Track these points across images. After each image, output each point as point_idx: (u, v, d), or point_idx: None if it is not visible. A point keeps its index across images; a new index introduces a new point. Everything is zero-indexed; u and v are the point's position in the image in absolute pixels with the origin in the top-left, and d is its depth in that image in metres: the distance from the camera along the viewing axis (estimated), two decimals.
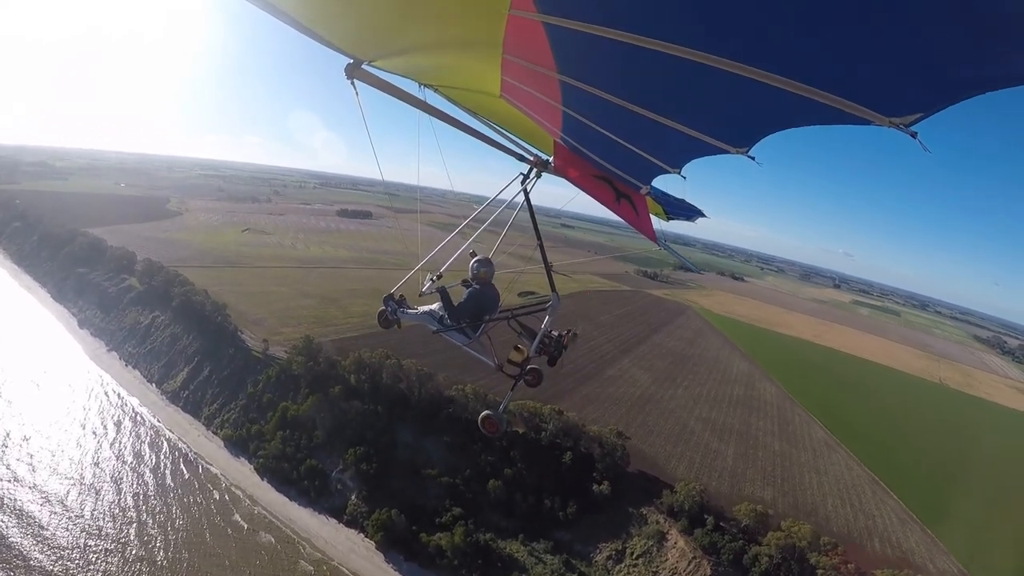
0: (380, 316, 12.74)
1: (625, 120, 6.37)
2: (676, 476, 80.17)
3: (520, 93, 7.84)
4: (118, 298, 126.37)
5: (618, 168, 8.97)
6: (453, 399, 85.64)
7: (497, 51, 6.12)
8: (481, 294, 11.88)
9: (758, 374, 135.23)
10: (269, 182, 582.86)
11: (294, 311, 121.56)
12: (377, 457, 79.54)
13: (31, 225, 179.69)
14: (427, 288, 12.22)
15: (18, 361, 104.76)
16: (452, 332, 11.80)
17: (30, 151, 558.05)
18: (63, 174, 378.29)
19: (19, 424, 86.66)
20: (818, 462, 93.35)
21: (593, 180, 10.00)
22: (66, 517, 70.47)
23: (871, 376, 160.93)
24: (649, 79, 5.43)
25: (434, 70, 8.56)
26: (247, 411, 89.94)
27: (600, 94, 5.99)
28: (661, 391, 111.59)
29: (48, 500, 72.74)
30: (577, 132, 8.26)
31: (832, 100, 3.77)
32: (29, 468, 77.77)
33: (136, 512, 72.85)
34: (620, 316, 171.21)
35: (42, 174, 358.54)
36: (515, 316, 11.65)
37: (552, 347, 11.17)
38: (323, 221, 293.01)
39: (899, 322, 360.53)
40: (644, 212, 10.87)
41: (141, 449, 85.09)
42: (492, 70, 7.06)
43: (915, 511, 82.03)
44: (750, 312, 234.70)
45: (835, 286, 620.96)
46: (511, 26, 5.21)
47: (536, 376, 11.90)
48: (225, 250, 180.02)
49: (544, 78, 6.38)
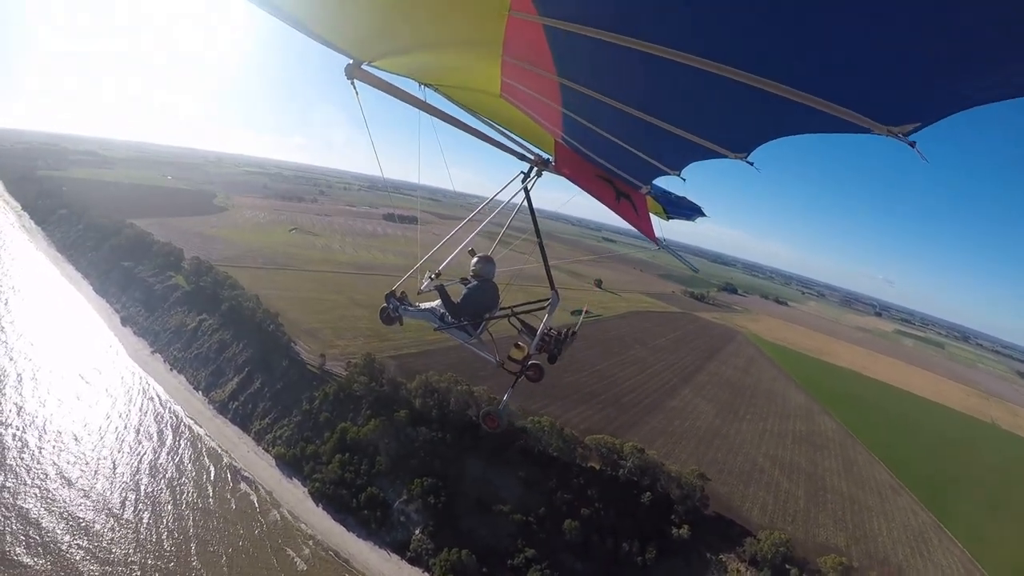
0: (382, 313, 12.33)
1: (625, 123, 6.26)
2: (752, 519, 74.42)
3: (520, 94, 7.52)
4: (163, 296, 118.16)
5: (618, 168, 8.88)
6: (526, 430, 76.73)
7: (497, 52, 5.88)
8: (481, 292, 11.60)
9: (816, 408, 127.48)
10: (314, 182, 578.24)
11: (348, 321, 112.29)
12: (445, 490, 71.05)
13: (77, 213, 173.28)
14: (425, 286, 11.87)
15: (62, 358, 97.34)
16: (453, 330, 11.42)
17: (78, 140, 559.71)
18: (110, 163, 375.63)
19: (72, 423, 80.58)
20: (885, 506, 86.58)
21: (594, 179, 9.71)
22: (117, 526, 64.09)
23: (924, 413, 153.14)
24: (648, 83, 5.24)
25: (434, 70, 8.08)
26: (301, 429, 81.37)
27: (600, 97, 5.83)
28: (726, 425, 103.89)
29: (104, 508, 66.49)
30: (577, 133, 8.04)
31: (830, 108, 3.67)
32: (81, 472, 71.58)
33: (193, 529, 65.81)
34: (673, 340, 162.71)
35: (89, 162, 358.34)
36: (515, 314, 11.37)
37: (552, 345, 10.88)
38: (369, 224, 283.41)
39: (943, 355, 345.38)
40: (644, 212, 10.77)
41: (182, 461, 77.27)
42: (492, 71, 6.73)
43: (981, 562, 76.36)
44: (798, 339, 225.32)
45: (876, 314, 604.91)
46: (511, 27, 5.01)
47: (537, 372, 11.46)
48: (273, 251, 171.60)
49: (544, 80, 6.18)
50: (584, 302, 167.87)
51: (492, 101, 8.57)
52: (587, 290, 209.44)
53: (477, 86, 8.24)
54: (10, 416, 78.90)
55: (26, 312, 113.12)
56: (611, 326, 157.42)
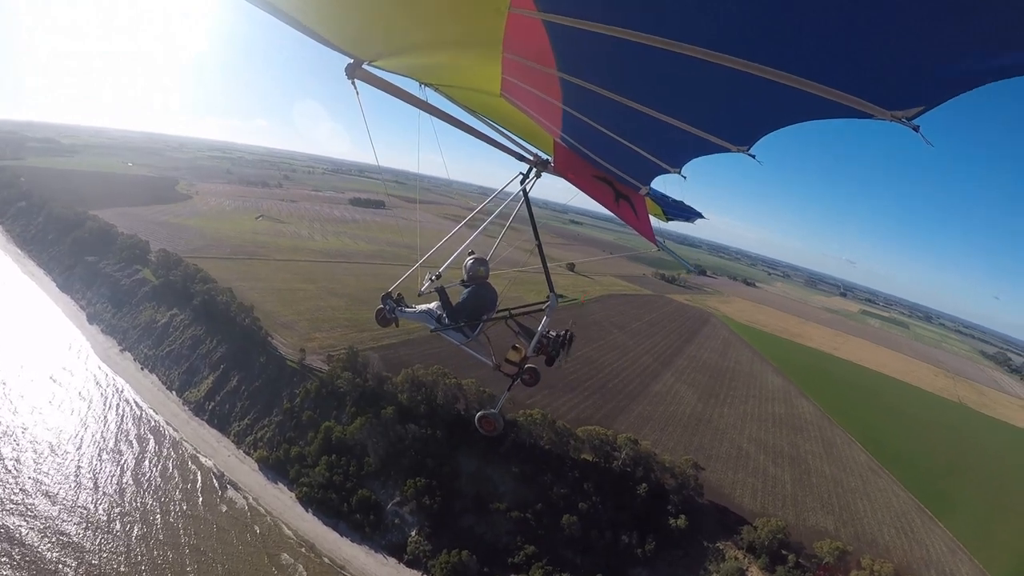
0: (378, 314, 11.80)
1: (625, 118, 6.16)
2: (743, 506, 74.56)
3: (520, 92, 7.45)
4: (131, 292, 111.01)
5: (618, 168, 8.78)
6: (518, 423, 73.02)
7: (497, 49, 5.78)
8: (479, 294, 11.30)
9: (793, 390, 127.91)
10: (277, 166, 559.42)
11: (325, 312, 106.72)
12: (440, 489, 67.40)
13: (36, 205, 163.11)
14: (426, 288, 11.36)
15: (29, 360, 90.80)
16: (450, 331, 11.17)
17: (37, 127, 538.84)
18: (70, 151, 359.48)
19: (47, 431, 75.14)
20: (867, 488, 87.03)
21: (593, 180, 9.59)
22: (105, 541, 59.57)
23: (895, 394, 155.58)
24: (650, 76, 5.17)
25: (434, 69, 7.87)
26: (283, 429, 76.55)
27: (600, 92, 5.72)
28: (709, 409, 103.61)
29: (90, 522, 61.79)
30: (577, 131, 8.01)
31: (834, 95, 3.59)
32: (62, 484, 66.60)
33: (185, 539, 61.80)
34: (649, 324, 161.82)
35: (48, 151, 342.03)
36: (513, 316, 11.02)
37: (550, 347, 10.67)
38: (337, 210, 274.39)
39: (908, 335, 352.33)
40: (643, 213, 10.61)
41: (164, 469, 72.01)
42: (492, 69, 6.64)
43: (962, 540, 77.46)
44: (769, 321, 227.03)
45: (841, 294, 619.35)
46: (511, 24, 4.95)
47: (533, 376, 11.41)
48: (241, 239, 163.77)
49: (544, 76, 6.11)
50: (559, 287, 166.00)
51: (492, 101, 8.36)
52: (560, 274, 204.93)
53: (478, 85, 8.08)
54: None
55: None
56: (588, 311, 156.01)
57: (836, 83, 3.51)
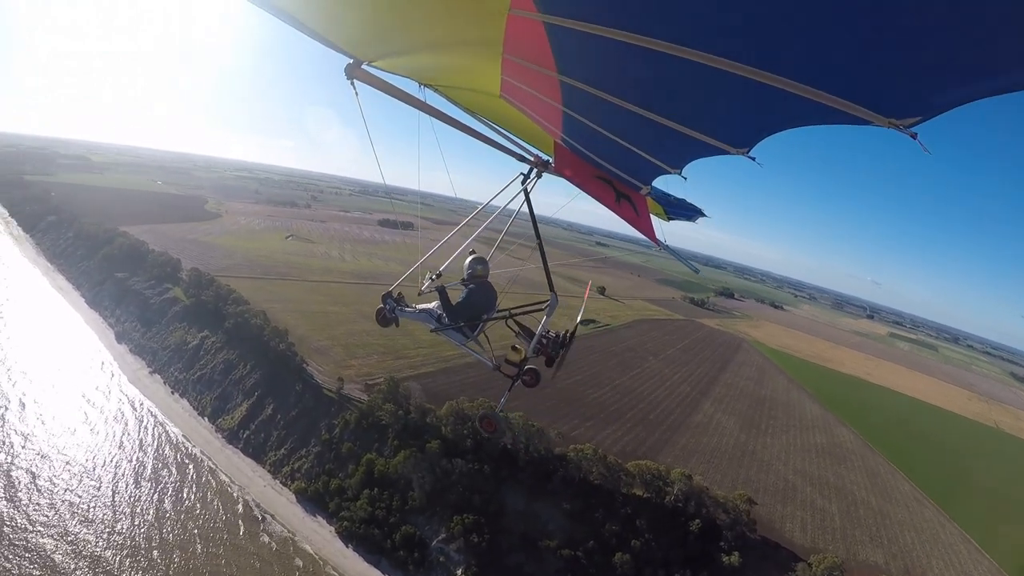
0: (378, 314, 11.57)
1: (625, 121, 6.09)
2: (794, 541, 70.70)
3: (520, 93, 7.31)
4: (161, 311, 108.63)
5: (618, 168, 8.70)
6: (567, 458, 69.48)
7: (497, 51, 5.71)
8: (479, 293, 11.08)
9: (831, 419, 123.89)
10: (304, 187, 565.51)
11: (359, 337, 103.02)
12: (488, 526, 63.64)
13: (66, 221, 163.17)
14: (426, 287, 11.21)
15: (62, 379, 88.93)
16: (450, 331, 10.95)
17: (66, 144, 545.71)
18: (99, 168, 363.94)
19: (82, 452, 72.94)
20: (914, 519, 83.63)
21: (593, 180, 9.34)
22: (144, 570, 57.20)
23: (932, 420, 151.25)
24: (649, 79, 5.10)
25: (434, 70, 7.88)
26: (322, 461, 73.13)
27: (600, 95, 5.67)
28: (751, 440, 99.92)
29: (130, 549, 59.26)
30: (577, 133, 7.83)
31: (832, 101, 3.57)
32: (100, 508, 64.08)
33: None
34: (683, 350, 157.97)
35: (78, 167, 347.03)
36: (513, 316, 10.76)
37: (550, 347, 10.42)
38: (366, 231, 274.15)
39: (938, 358, 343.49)
40: (644, 212, 10.24)
41: (202, 497, 68.84)
42: (492, 70, 6.54)
43: (1008, 571, 75.33)
44: (801, 346, 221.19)
45: (868, 316, 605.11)
46: (511, 26, 4.91)
47: (533, 376, 10.84)
48: (272, 259, 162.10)
49: (544, 78, 6.00)
50: (591, 311, 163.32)
51: (492, 102, 8.22)
52: (592, 298, 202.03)
53: (477, 86, 7.94)
54: (16, 447, 71.34)
55: (19, 327, 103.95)
56: (621, 336, 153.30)
57: (834, 89, 3.46)
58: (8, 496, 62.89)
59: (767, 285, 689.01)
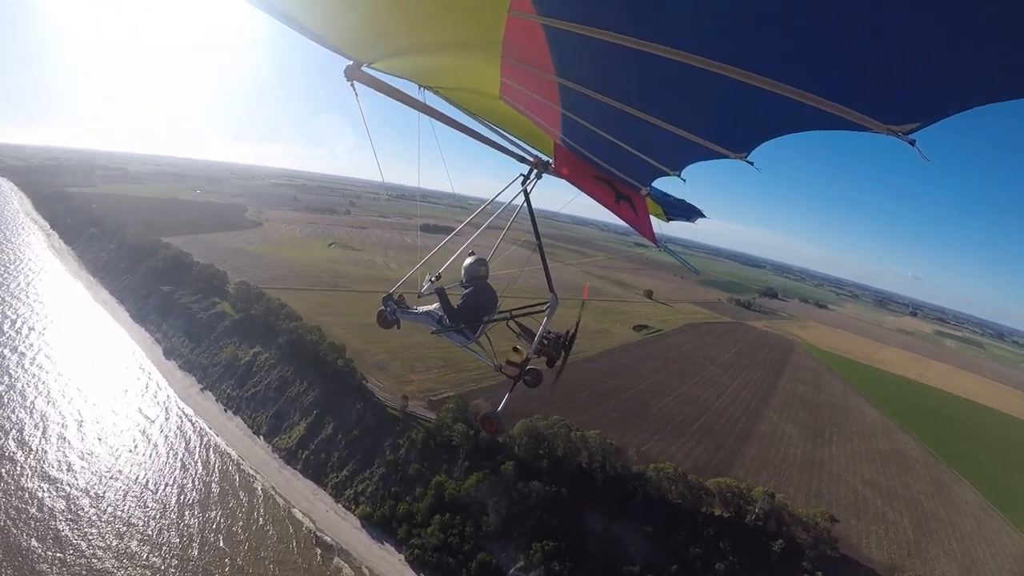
0: (379, 316, 11.50)
1: (624, 123, 5.93)
2: (872, 557, 67.82)
3: (519, 95, 7.21)
4: (209, 326, 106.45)
5: (618, 170, 8.49)
6: (647, 477, 65.45)
7: (496, 53, 5.56)
8: (479, 294, 10.77)
9: (891, 424, 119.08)
10: (342, 193, 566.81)
11: (416, 350, 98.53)
12: (569, 552, 59.86)
13: (109, 232, 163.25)
14: (425, 289, 11.02)
15: (113, 398, 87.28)
16: (451, 333, 10.69)
17: (105, 155, 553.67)
18: (138, 178, 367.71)
19: (146, 475, 71.42)
20: (983, 531, 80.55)
21: (593, 181, 9.30)
22: None
23: (988, 423, 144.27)
24: (647, 83, 5.04)
25: (434, 72, 7.65)
26: (387, 483, 69.66)
27: (599, 97, 5.55)
28: (817, 449, 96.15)
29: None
30: (576, 134, 7.74)
31: (830, 106, 3.53)
32: (169, 534, 62.26)
33: None
34: (738, 355, 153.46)
35: (118, 178, 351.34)
36: (514, 317, 10.45)
37: (551, 348, 10.02)
38: (408, 236, 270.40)
39: (986, 356, 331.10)
40: (644, 213, 10.27)
41: (267, 521, 65.99)
42: (491, 72, 6.37)
43: None
44: (850, 347, 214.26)
45: (912, 314, 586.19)
46: (510, 28, 4.83)
47: (535, 377, 10.66)
48: (318, 268, 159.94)
49: (543, 81, 5.87)
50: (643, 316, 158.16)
51: (492, 103, 8.04)
52: (639, 302, 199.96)
53: (477, 88, 7.76)
54: (77, 464, 70.65)
55: (68, 344, 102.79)
56: (674, 342, 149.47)
57: (832, 95, 3.45)
58: (70, 519, 61.41)
59: (807, 283, 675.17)
